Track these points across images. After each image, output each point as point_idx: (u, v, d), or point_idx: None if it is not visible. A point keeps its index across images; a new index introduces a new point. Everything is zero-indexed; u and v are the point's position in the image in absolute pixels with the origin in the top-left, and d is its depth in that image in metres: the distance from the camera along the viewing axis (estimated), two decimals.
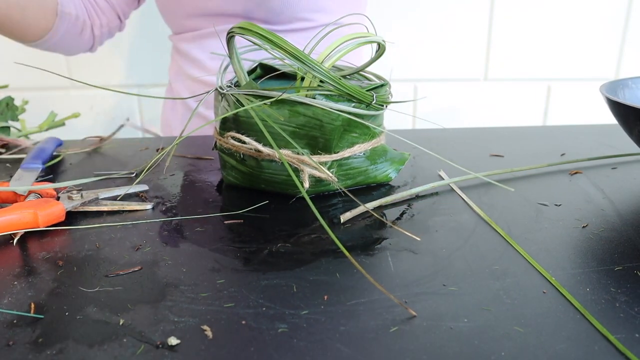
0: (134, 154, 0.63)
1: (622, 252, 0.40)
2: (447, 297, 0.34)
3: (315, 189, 0.49)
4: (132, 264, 0.38)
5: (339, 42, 0.46)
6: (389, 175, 0.53)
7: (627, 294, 0.34)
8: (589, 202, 0.49)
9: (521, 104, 1.27)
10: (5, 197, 0.47)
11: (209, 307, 0.33)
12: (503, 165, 0.58)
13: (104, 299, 0.34)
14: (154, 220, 0.45)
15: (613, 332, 0.31)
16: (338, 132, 0.47)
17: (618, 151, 0.62)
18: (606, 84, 0.56)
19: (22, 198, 0.47)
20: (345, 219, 0.45)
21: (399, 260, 0.39)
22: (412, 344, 0.30)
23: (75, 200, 0.46)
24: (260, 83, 0.53)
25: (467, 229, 0.43)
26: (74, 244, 0.41)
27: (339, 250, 0.40)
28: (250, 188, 0.51)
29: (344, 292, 0.35)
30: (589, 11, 1.19)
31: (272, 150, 0.47)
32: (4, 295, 0.34)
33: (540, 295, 0.34)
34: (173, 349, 0.29)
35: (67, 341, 0.30)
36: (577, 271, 0.37)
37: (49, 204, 0.43)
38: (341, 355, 0.29)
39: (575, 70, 1.25)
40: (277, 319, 0.32)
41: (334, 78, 0.44)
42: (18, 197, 0.47)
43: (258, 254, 0.40)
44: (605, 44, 1.23)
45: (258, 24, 0.49)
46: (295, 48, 0.43)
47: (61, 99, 1.19)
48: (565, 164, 0.58)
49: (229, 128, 0.49)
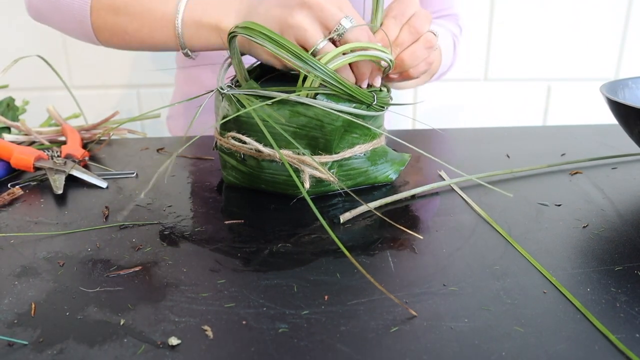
0: (134, 154, 0.63)
1: (623, 252, 0.40)
2: (447, 297, 0.34)
3: (316, 189, 0.49)
4: (132, 264, 0.38)
5: (346, 48, 0.45)
6: (390, 176, 0.53)
7: (627, 293, 0.34)
8: (589, 202, 0.49)
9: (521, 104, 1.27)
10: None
11: (209, 307, 0.33)
12: (503, 165, 0.58)
13: (105, 299, 0.34)
14: (154, 221, 0.45)
15: (613, 332, 0.31)
16: (339, 133, 0.47)
17: (618, 151, 0.62)
18: (606, 84, 0.56)
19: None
20: (345, 219, 0.45)
21: (400, 260, 0.39)
22: (413, 344, 0.30)
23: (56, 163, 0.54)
24: (261, 83, 0.53)
25: (467, 229, 0.43)
26: (74, 244, 0.41)
27: (339, 250, 0.40)
28: (251, 188, 0.51)
29: (344, 292, 0.35)
30: (589, 11, 1.19)
31: (272, 151, 0.47)
32: (5, 295, 0.34)
33: (540, 295, 0.34)
34: (173, 349, 0.29)
35: (67, 341, 0.30)
36: (578, 271, 0.37)
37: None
38: (341, 355, 0.29)
39: (575, 70, 1.25)
40: (277, 319, 0.32)
41: (335, 78, 0.44)
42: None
43: (258, 254, 0.40)
44: (605, 44, 1.23)
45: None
46: (298, 47, 0.43)
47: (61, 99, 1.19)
48: (566, 164, 0.58)
49: (230, 128, 0.49)
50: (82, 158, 0.58)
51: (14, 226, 0.44)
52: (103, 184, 0.53)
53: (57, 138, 0.64)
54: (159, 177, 0.55)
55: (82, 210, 0.47)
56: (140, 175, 0.56)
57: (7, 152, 0.54)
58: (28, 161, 0.54)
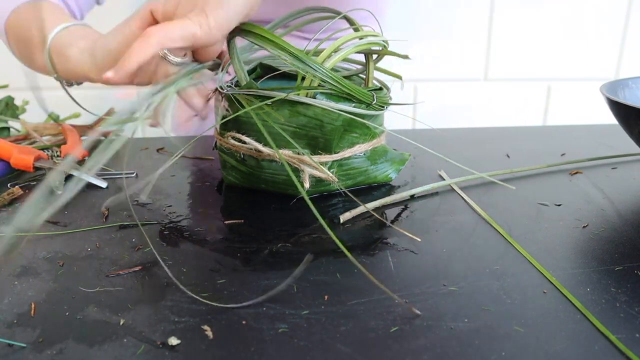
0: (134, 153, 0.63)
1: (622, 252, 0.40)
2: (447, 297, 0.34)
3: (316, 189, 0.49)
4: (132, 264, 0.38)
5: (340, 42, 0.45)
6: (389, 175, 0.53)
7: (627, 293, 0.34)
8: (589, 202, 0.49)
9: (521, 104, 1.27)
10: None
11: (209, 307, 0.33)
12: (503, 165, 0.58)
13: (104, 299, 0.34)
14: (154, 221, 0.45)
15: (613, 332, 0.31)
16: (338, 133, 0.47)
17: (618, 151, 0.62)
18: (606, 84, 0.56)
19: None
20: (345, 219, 0.45)
21: (399, 260, 0.39)
22: (413, 344, 0.30)
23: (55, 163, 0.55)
24: (260, 83, 0.53)
25: (467, 229, 0.43)
26: (74, 244, 0.41)
27: (339, 250, 0.40)
28: (251, 188, 0.51)
29: (344, 292, 0.35)
30: (589, 11, 1.19)
31: (271, 150, 0.47)
32: (5, 295, 0.34)
33: (540, 295, 0.34)
34: (173, 349, 0.29)
35: (67, 341, 0.30)
36: (578, 271, 0.37)
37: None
38: (341, 355, 0.29)
39: (575, 70, 1.25)
40: (277, 319, 0.32)
41: (334, 78, 0.44)
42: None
43: (258, 254, 0.40)
44: (605, 44, 1.23)
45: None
46: (296, 48, 0.43)
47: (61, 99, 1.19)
48: (566, 164, 0.58)
49: (229, 128, 0.49)
50: (82, 158, 0.58)
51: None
52: (103, 184, 0.53)
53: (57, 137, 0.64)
54: (159, 176, 0.55)
55: (82, 210, 0.47)
56: (140, 175, 0.56)
57: (7, 152, 0.54)
58: (28, 161, 0.54)
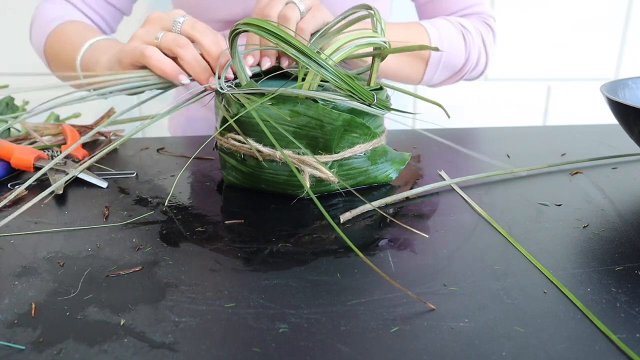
0: (134, 153, 0.63)
1: (623, 252, 0.40)
2: (448, 297, 0.34)
3: (316, 189, 0.49)
4: (132, 264, 0.38)
5: (343, 41, 0.45)
6: (390, 175, 0.53)
7: (627, 293, 0.34)
8: (589, 202, 0.49)
9: (521, 104, 1.27)
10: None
11: (209, 307, 0.33)
12: (503, 165, 0.58)
13: (105, 299, 0.34)
14: (154, 221, 0.45)
15: (614, 332, 0.31)
16: (338, 133, 0.47)
17: (618, 151, 0.62)
18: (606, 84, 0.56)
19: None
20: (345, 219, 0.45)
21: (400, 260, 0.39)
22: (413, 344, 0.30)
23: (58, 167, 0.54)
24: (261, 83, 0.53)
25: (467, 229, 0.43)
26: (74, 244, 0.41)
27: (339, 250, 0.40)
28: (251, 188, 0.51)
29: (344, 292, 0.35)
30: (589, 11, 1.19)
31: (272, 150, 0.47)
32: (5, 295, 0.34)
33: (540, 295, 0.34)
34: (174, 348, 0.29)
35: (67, 341, 0.30)
36: (578, 271, 0.37)
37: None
38: (341, 355, 0.29)
39: (575, 70, 1.25)
40: (277, 319, 0.32)
41: (339, 74, 0.44)
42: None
43: (258, 254, 0.40)
44: (605, 44, 1.23)
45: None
46: (302, 43, 0.43)
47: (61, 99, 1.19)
48: (566, 164, 0.58)
49: (230, 128, 0.49)
50: (82, 158, 0.58)
51: (14, 226, 0.44)
52: (103, 184, 0.53)
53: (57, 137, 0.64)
54: (159, 176, 0.55)
55: (82, 210, 0.47)
56: (140, 175, 0.56)
57: (7, 152, 0.54)
58: (28, 161, 0.54)
